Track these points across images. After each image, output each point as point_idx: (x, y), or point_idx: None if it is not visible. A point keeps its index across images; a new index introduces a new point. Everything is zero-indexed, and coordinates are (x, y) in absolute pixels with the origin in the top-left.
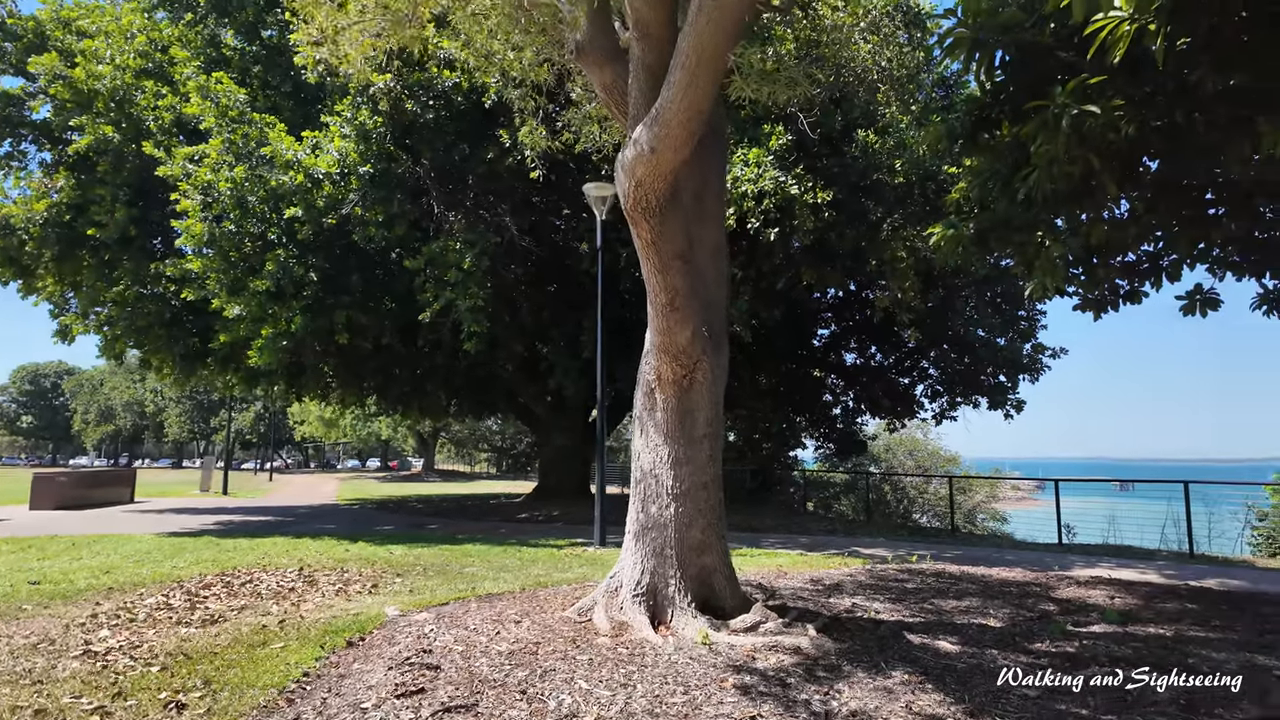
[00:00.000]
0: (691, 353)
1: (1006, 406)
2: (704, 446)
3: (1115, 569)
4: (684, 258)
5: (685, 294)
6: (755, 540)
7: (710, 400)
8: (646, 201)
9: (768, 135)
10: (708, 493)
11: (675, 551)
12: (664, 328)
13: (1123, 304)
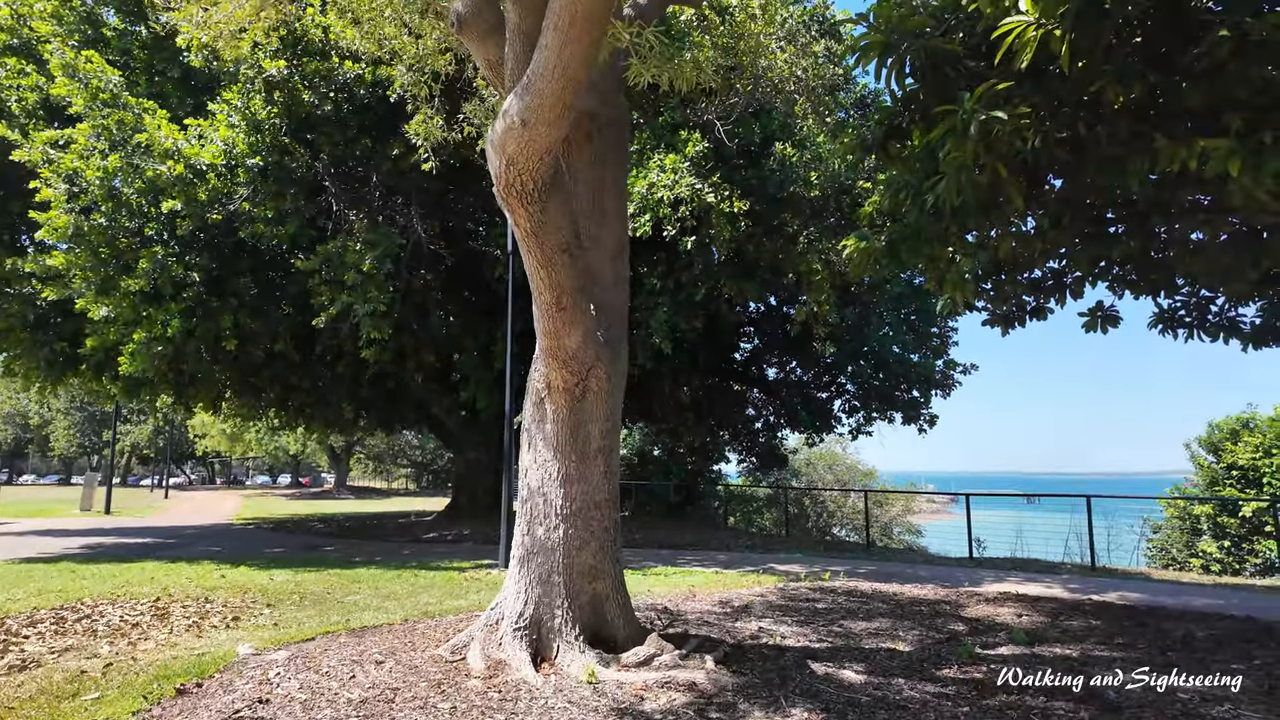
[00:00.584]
0: (583, 358)
1: (920, 421)
2: (598, 462)
3: (1023, 583)
4: (570, 252)
5: (573, 292)
6: (673, 558)
7: (606, 411)
8: (522, 184)
9: (684, 142)
10: (601, 513)
11: (564, 578)
12: (551, 330)
13: (1029, 320)
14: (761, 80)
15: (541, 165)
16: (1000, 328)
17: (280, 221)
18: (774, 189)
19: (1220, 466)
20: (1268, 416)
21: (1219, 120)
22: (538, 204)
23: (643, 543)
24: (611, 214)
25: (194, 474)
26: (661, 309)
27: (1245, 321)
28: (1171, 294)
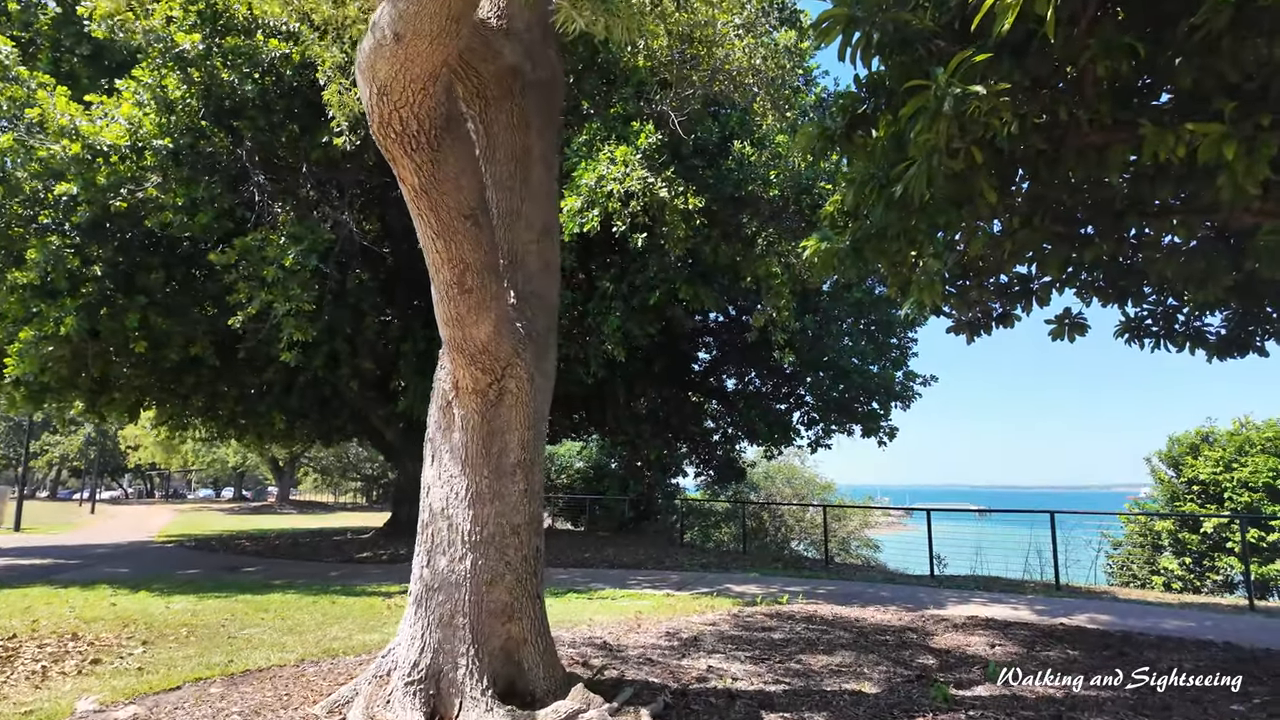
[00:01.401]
0: (497, 354)
1: (880, 434)
2: (516, 479)
3: (988, 605)
4: (475, 220)
5: (480, 271)
6: (623, 578)
7: (526, 418)
8: (402, 123)
9: (636, 133)
10: (520, 539)
11: (470, 619)
12: (454, 317)
13: (996, 326)
14: (719, 72)
15: (426, 99)
16: (965, 335)
17: (192, 211)
18: (732, 188)
19: (1181, 481)
20: (1227, 430)
21: (1208, 107)
22: (426, 152)
23: (593, 561)
24: (538, 188)
25: (131, 487)
26: (614, 313)
27: (1211, 331)
28: (1139, 302)
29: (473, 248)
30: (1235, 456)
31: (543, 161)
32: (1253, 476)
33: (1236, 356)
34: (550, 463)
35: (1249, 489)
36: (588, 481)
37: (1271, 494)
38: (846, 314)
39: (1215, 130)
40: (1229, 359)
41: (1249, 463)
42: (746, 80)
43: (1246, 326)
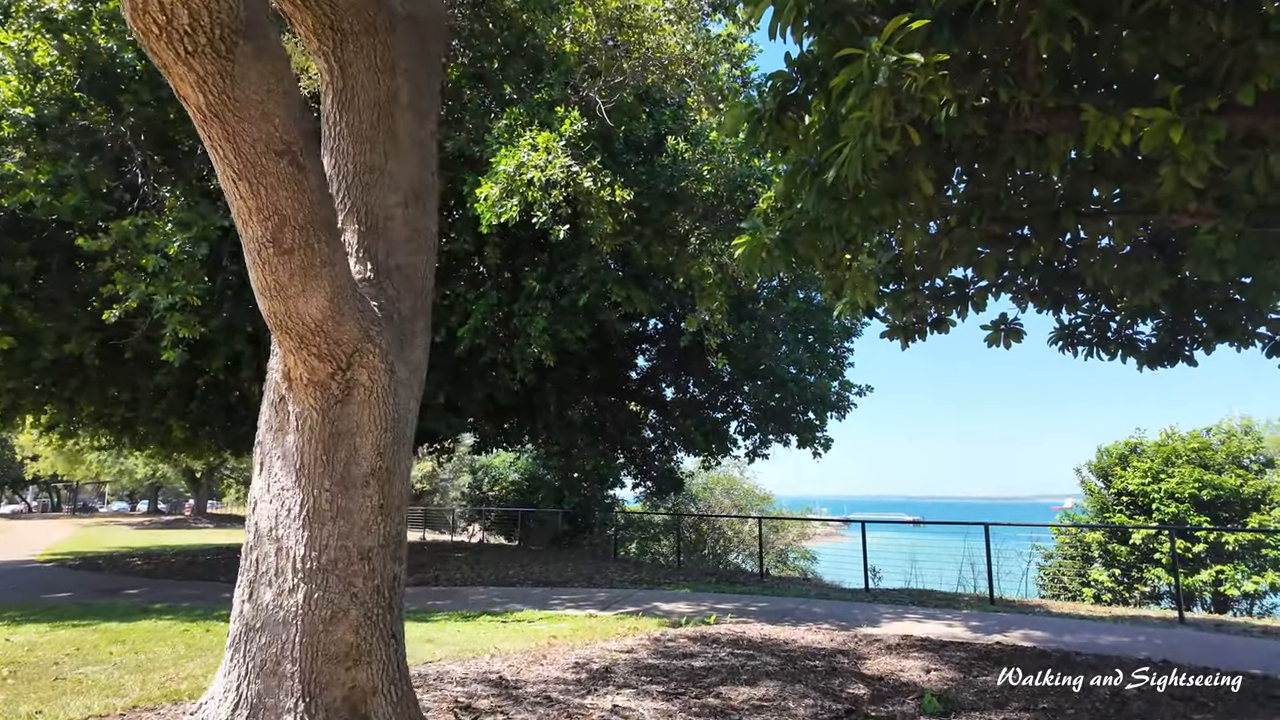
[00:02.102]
0: (336, 336)
1: (815, 444)
2: (369, 492)
3: (923, 621)
4: (294, 159)
5: (304, 227)
6: (546, 598)
7: (382, 418)
8: (168, 12)
9: (561, 119)
10: (370, 566)
11: (301, 666)
12: (271, 285)
13: (930, 332)
14: (651, 62)
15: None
16: (900, 340)
17: (59, 190)
18: (664, 184)
19: (1110, 492)
20: (1154, 442)
21: (1151, 95)
22: (211, 59)
23: (517, 579)
24: (406, 142)
25: (36, 501)
26: (541, 315)
27: (1142, 340)
28: (1074, 309)
29: (291, 196)
30: (1162, 468)
31: (413, 111)
32: (1179, 487)
33: (1166, 365)
34: (484, 474)
35: (1175, 500)
36: (522, 494)
37: (1197, 504)
38: (783, 322)
39: (1160, 115)
40: (1159, 368)
41: (1175, 474)
42: (679, 70)
43: (1176, 336)
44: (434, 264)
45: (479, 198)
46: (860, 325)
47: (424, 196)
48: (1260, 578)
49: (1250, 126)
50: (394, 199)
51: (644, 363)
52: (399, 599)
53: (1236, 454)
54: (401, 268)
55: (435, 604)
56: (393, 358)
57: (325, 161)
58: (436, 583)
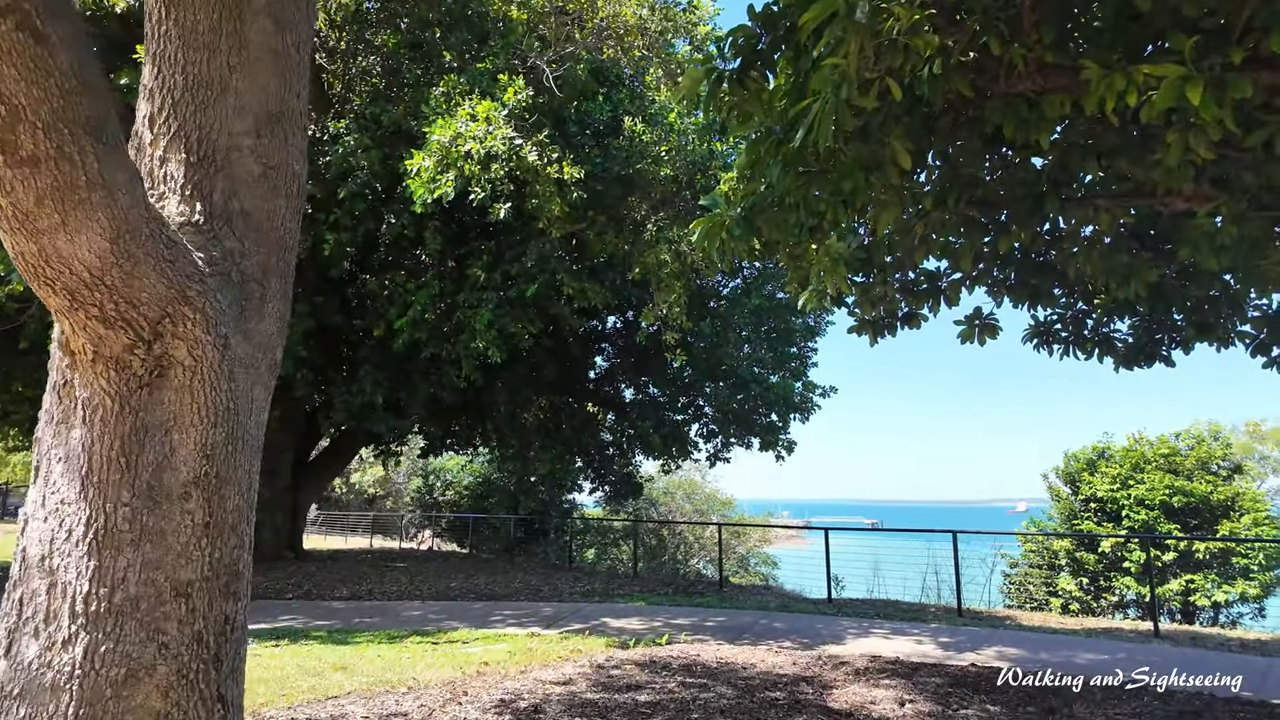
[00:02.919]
0: (131, 295)
1: (778, 447)
2: (189, 507)
3: (890, 637)
4: (34, 30)
5: (57, 127)
6: (488, 613)
7: (210, 409)
8: None
9: (504, 88)
10: (189, 606)
11: None
12: (10, 213)
13: (901, 327)
14: (606, 33)
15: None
16: (868, 335)
17: None
18: (619, 166)
19: (1078, 499)
20: (1122, 447)
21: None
22: None
23: (459, 592)
24: (259, 53)
25: None
26: (486, 307)
27: (1119, 338)
28: (1050, 304)
29: (24, 77)
30: (1131, 473)
31: (270, 15)
32: (1149, 494)
33: (1144, 366)
34: (436, 478)
35: (1145, 507)
36: (475, 498)
37: (1168, 511)
38: (746, 321)
39: (1174, 71)
40: (1136, 368)
41: (1145, 479)
42: (636, 42)
43: (1154, 335)
44: (299, 213)
45: (411, 171)
46: (825, 324)
47: (283, 125)
48: (1230, 587)
49: (1272, 84)
50: (240, 125)
51: (603, 363)
52: (233, 648)
53: (1206, 460)
54: (248, 214)
55: (362, 622)
56: (227, 329)
57: (146, 71)
58: (370, 597)
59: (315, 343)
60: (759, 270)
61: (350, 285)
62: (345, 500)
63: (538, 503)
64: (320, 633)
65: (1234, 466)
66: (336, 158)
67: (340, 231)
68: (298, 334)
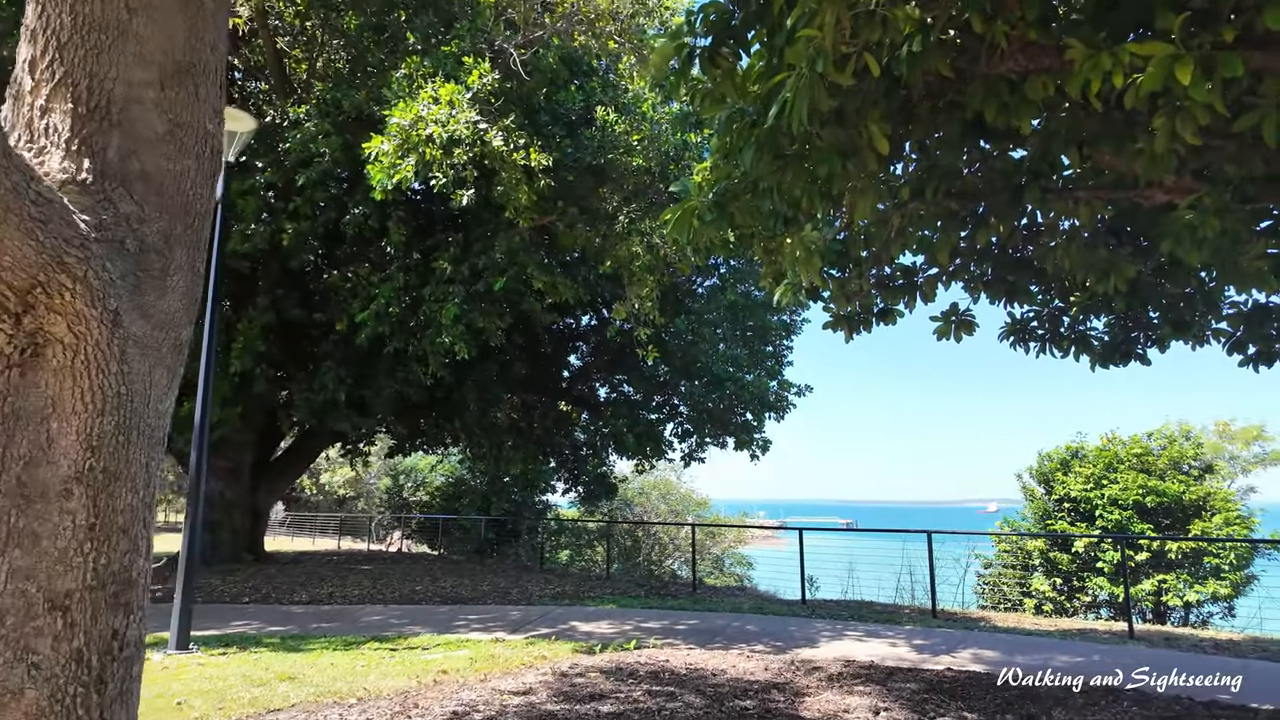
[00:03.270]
0: None
1: (753, 447)
2: (71, 506)
3: (864, 640)
4: None
5: None
6: (453, 617)
7: (97, 396)
8: None
9: (470, 70)
10: (67, 619)
11: None
12: None
13: (876, 323)
14: (577, 17)
15: None
16: (843, 331)
17: None
18: (590, 156)
19: (1052, 499)
20: (1095, 447)
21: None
22: None
23: (424, 595)
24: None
25: None
26: (453, 301)
27: (1095, 336)
28: (1027, 301)
29: None
30: (1105, 473)
31: None
32: (1122, 494)
33: (1120, 364)
34: (406, 478)
35: (1119, 506)
36: (448, 499)
37: (1141, 511)
38: (721, 318)
39: (1163, 50)
40: (1112, 366)
41: (1119, 479)
42: (607, 27)
43: (1130, 333)
44: (214, 178)
45: (370, 156)
46: (800, 322)
47: (194, 78)
48: (1202, 587)
49: (1262, 65)
50: (142, 74)
51: (577, 361)
52: (122, 668)
53: (1178, 459)
54: (150, 175)
55: (320, 627)
56: (119, 303)
57: (29, 10)
58: (331, 600)
59: (275, 337)
60: (734, 268)
61: (313, 278)
62: (315, 501)
63: (510, 503)
64: (274, 639)
65: (1205, 466)
66: (296, 144)
67: (300, 221)
68: (257, 328)
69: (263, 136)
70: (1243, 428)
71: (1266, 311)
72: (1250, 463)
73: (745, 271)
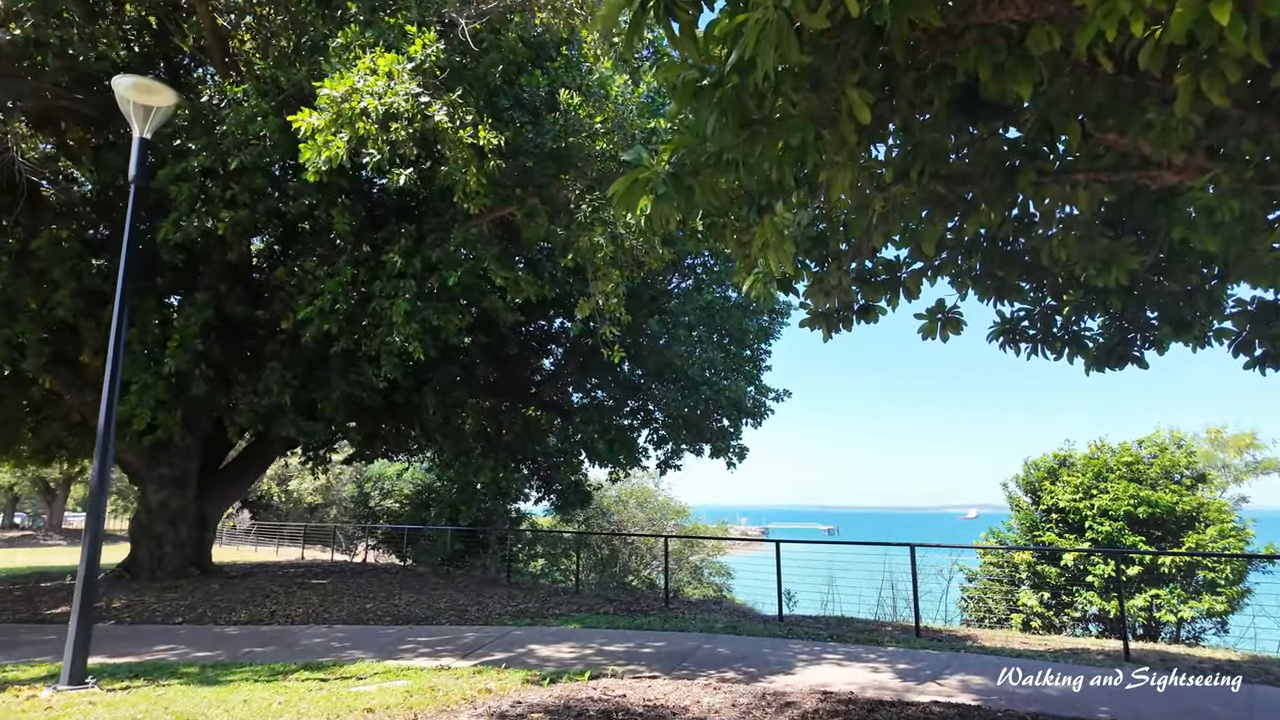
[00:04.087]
0: None
1: (729, 454)
2: None
3: (844, 664)
4: None
5: None
6: (400, 640)
7: None
8: None
9: (412, 41)
10: None
11: None
12: None
13: (856, 322)
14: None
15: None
16: (821, 329)
17: None
18: (551, 140)
19: (1039, 510)
20: (1084, 455)
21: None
22: None
23: (374, 614)
24: None
25: None
26: (404, 297)
27: (1090, 336)
28: (1017, 298)
29: None
30: (1094, 483)
31: None
32: (1113, 504)
33: (1116, 367)
34: (374, 485)
35: (1109, 517)
36: (416, 507)
37: (1132, 522)
38: (698, 319)
39: None
40: (1108, 370)
41: (1110, 489)
42: (568, 2)
43: (1126, 334)
44: None
45: (303, 134)
46: (779, 325)
47: None
48: (1197, 602)
49: None
50: None
51: (549, 365)
52: None
53: (1170, 468)
54: None
55: (252, 653)
56: None
57: None
58: (272, 620)
59: (217, 336)
60: (710, 269)
61: (259, 273)
62: (284, 509)
63: (483, 512)
64: (193, 668)
65: (1198, 475)
66: (232, 125)
67: (238, 209)
68: (196, 325)
69: (199, 118)
70: (1235, 435)
71: (1275, 309)
72: (1243, 471)
73: (723, 273)
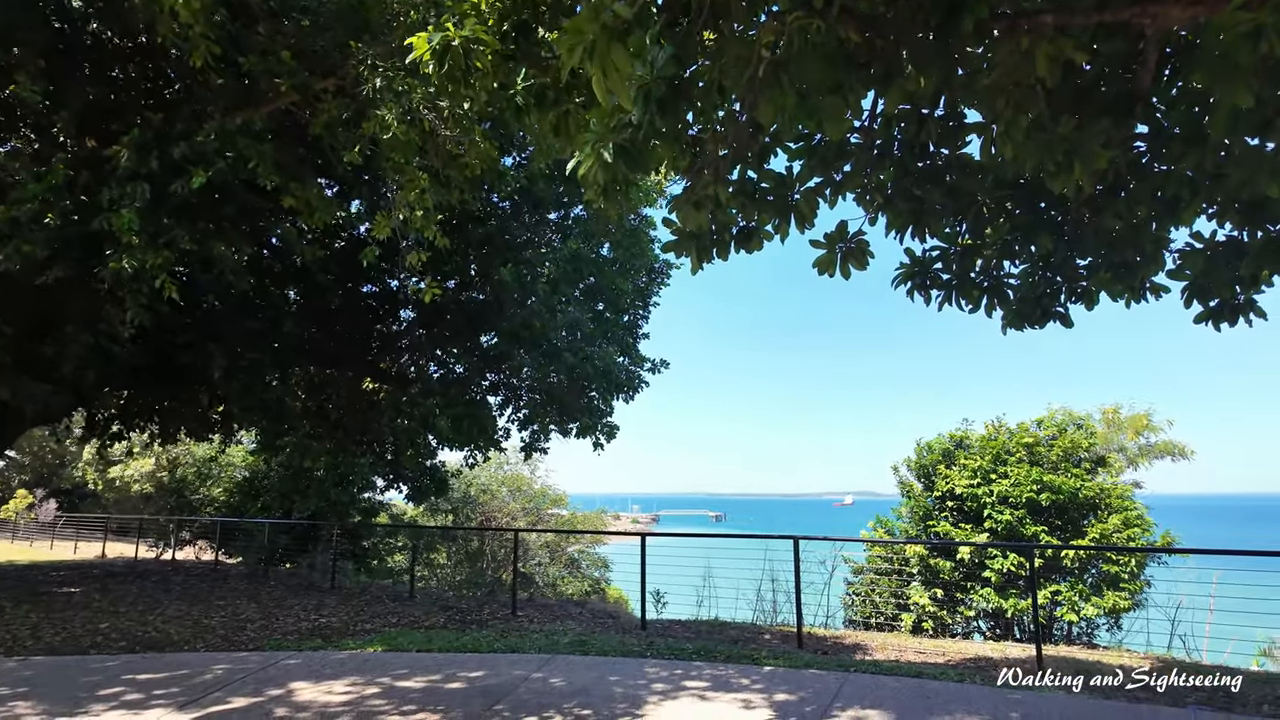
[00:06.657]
0: None
1: (597, 433)
2: None
3: (711, 692)
4: None
5: None
6: (112, 677)
7: None
8: None
9: None
10: None
11: None
12: None
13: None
14: None
15: None
16: (689, 256)
17: None
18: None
19: (933, 496)
20: (981, 436)
21: None
22: None
23: (105, 639)
24: None
25: None
26: (132, 205)
27: (1012, 286)
28: (934, 232)
29: None
30: (993, 466)
31: None
32: (1014, 490)
33: (1037, 325)
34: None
35: (1010, 505)
36: (245, 498)
37: (1034, 510)
38: (561, 275)
39: None
40: (1027, 327)
41: (1010, 473)
42: None
43: (1051, 284)
44: None
45: None
46: (659, 285)
47: None
48: (1100, 600)
49: None
50: None
51: (393, 328)
52: None
53: (1070, 450)
54: None
55: None
56: None
57: None
58: None
59: None
60: (579, 218)
61: None
62: (107, 500)
63: (327, 503)
64: None
65: (1097, 459)
66: None
67: None
68: None
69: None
70: (1131, 416)
71: (1237, 248)
72: (1139, 455)
73: (592, 223)
